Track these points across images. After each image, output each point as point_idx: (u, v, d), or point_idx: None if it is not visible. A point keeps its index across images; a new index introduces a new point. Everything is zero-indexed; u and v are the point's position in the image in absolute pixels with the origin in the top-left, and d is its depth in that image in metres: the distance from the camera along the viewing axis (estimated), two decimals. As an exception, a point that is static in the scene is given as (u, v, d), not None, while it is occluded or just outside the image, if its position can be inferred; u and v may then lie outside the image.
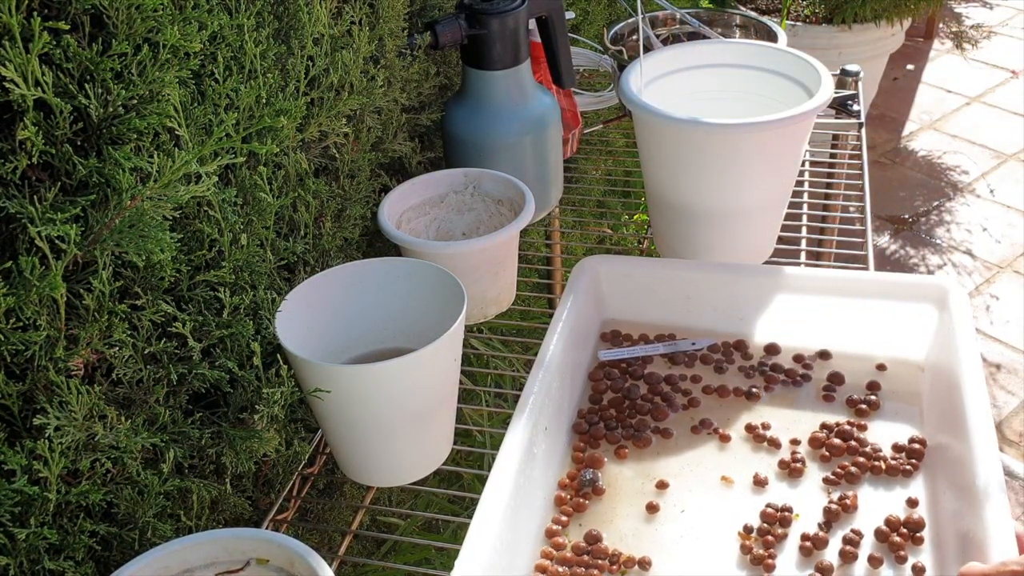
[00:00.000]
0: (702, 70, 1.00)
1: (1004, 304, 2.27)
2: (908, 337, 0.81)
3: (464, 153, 0.98)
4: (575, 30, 1.47)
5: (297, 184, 0.77)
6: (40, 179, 0.53)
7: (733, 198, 0.90)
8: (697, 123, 0.85)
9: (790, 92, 0.95)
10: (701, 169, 0.89)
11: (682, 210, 0.93)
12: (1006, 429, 1.93)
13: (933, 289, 0.80)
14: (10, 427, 0.54)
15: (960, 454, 0.66)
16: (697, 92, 0.99)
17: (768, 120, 0.84)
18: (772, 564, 0.65)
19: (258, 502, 0.78)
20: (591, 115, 1.34)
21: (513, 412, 0.70)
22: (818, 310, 0.84)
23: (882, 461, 0.72)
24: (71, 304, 0.55)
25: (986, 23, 3.57)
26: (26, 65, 0.48)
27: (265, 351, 0.69)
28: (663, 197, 0.95)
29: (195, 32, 0.58)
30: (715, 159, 0.87)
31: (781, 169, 0.90)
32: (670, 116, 0.86)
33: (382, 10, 0.88)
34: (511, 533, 0.64)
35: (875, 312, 0.82)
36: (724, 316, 0.86)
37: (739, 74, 0.99)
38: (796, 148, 0.90)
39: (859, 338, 0.83)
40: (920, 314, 0.81)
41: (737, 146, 0.86)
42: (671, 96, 0.96)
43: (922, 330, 0.81)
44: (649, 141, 0.93)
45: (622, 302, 0.89)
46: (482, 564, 0.59)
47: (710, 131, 0.85)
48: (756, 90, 0.98)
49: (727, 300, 0.86)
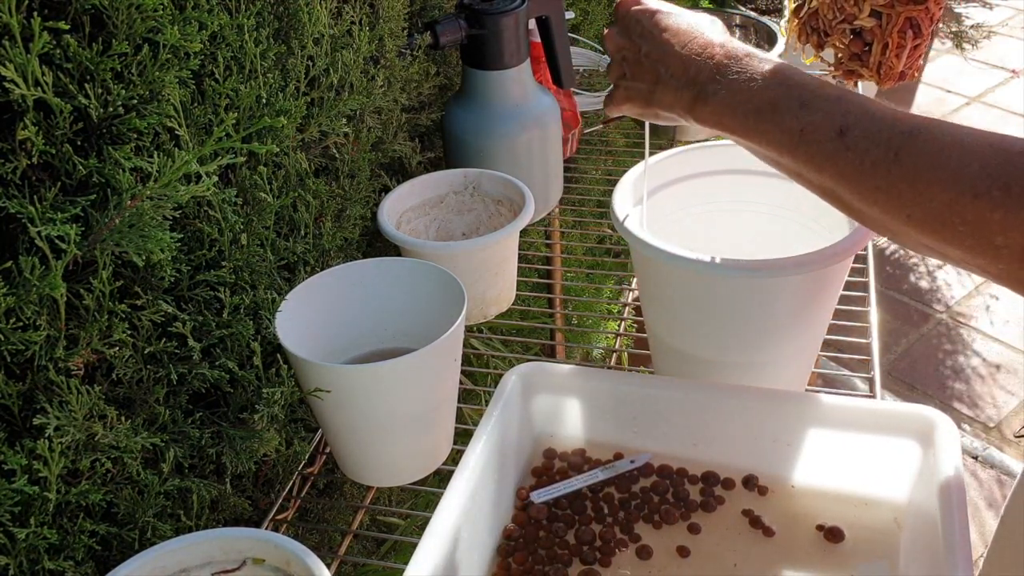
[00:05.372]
0: (711, 177, 0.82)
1: (1004, 304, 2.27)
2: (887, 475, 0.66)
3: (464, 153, 0.98)
4: (575, 30, 1.47)
5: (297, 184, 0.77)
6: (40, 179, 0.53)
7: (756, 351, 0.73)
8: (712, 266, 0.66)
9: (816, 203, 0.77)
10: (717, 318, 0.71)
11: (691, 358, 0.76)
12: (1006, 429, 1.93)
13: (918, 421, 0.65)
14: (10, 427, 0.54)
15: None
16: (704, 203, 0.83)
17: (805, 257, 0.66)
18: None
19: (258, 502, 0.78)
20: (591, 115, 1.34)
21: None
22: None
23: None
24: (71, 304, 0.55)
25: (986, 23, 3.57)
26: (26, 65, 0.48)
27: (265, 351, 0.69)
28: (666, 343, 0.78)
29: (195, 32, 0.58)
30: (734, 307, 0.70)
31: (817, 312, 0.72)
32: (676, 255, 0.67)
33: (382, 10, 0.88)
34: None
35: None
36: (674, 437, 0.71)
37: (755, 182, 0.81)
38: (837, 284, 0.72)
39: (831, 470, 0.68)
40: (902, 450, 0.65)
41: (763, 292, 0.69)
42: (674, 211, 0.81)
43: (903, 468, 0.66)
44: (649, 279, 0.76)
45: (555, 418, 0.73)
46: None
47: (731, 276, 0.67)
48: (774, 200, 0.81)
49: (679, 419, 0.71)
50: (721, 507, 0.69)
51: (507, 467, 0.69)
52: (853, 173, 0.50)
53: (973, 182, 0.45)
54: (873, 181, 0.49)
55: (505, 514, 0.69)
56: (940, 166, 0.46)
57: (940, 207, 0.46)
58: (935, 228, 0.47)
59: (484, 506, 0.65)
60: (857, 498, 0.67)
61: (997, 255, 0.45)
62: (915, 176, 0.47)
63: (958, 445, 0.62)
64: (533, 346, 1.57)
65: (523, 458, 0.73)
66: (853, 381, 1.70)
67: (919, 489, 0.64)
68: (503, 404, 0.68)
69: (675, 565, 0.65)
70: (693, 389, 0.71)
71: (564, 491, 0.70)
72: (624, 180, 0.77)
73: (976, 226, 0.45)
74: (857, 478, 0.67)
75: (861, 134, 0.50)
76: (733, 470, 0.70)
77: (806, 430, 0.68)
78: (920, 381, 2.06)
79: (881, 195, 0.49)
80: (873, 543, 0.65)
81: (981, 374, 2.07)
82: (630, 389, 0.71)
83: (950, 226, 0.46)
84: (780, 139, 0.54)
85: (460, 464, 0.63)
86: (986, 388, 2.03)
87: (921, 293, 2.34)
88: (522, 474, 0.72)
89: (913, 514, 0.65)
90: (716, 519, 0.68)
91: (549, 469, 0.72)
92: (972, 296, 2.31)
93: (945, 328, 2.22)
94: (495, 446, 0.66)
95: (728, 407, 0.69)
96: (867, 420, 0.66)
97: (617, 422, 0.72)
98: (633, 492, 0.70)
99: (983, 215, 0.44)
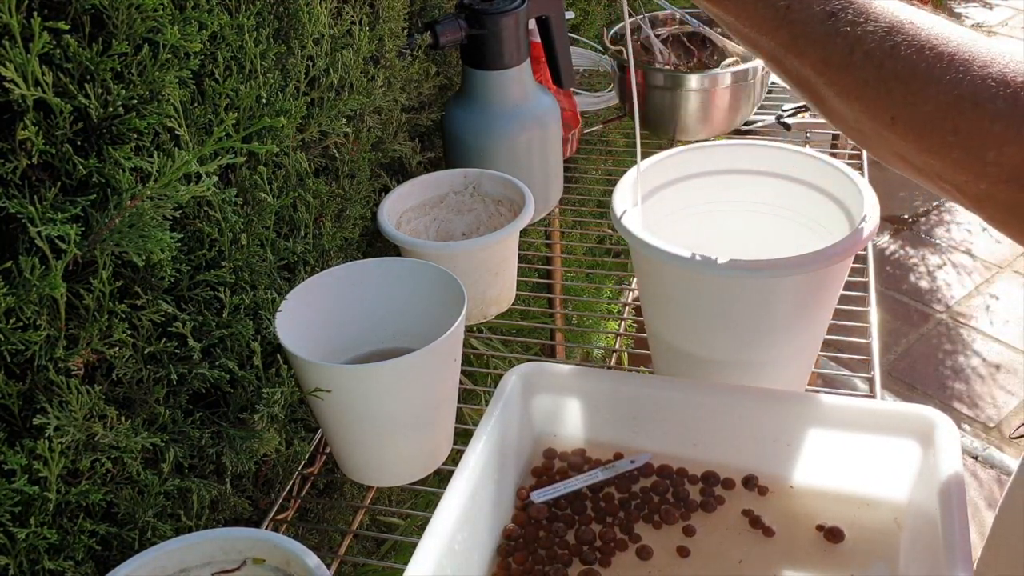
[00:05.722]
0: (711, 177, 0.82)
1: (1004, 304, 2.27)
2: (887, 475, 0.66)
3: (464, 153, 0.98)
4: (575, 30, 1.47)
5: (297, 184, 0.77)
6: (40, 179, 0.53)
7: (756, 351, 0.73)
8: (712, 266, 0.66)
9: (817, 203, 0.77)
10: (717, 318, 0.72)
11: (691, 357, 0.76)
12: (1006, 429, 1.93)
13: (918, 421, 0.64)
14: (10, 427, 0.54)
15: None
16: (705, 203, 0.82)
17: (805, 257, 0.65)
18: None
19: (258, 502, 0.78)
20: (591, 115, 1.34)
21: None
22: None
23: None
24: (71, 304, 0.55)
25: (986, 23, 3.57)
26: (26, 65, 0.48)
27: (265, 351, 0.69)
28: (666, 343, 0.78)
29: (195, 32, 0.58)
30: (734, 307, 0.70)
31: (817, 312, 0.72)
32: (676, 255, 0.67)
33: (382, 10, 0.88)
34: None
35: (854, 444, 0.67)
36: (673, 437, 0.71)
37: (755, 182, 0.81)
38: (837, 284, 0.72)
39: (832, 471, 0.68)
40: (902, 450, 0.65)
41: (763, 292, 0.69)
42: (673, 211, 0.81)
43: (903, 468, 0.65)
44: (649, 278, 0.76)
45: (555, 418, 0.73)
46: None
47: (732, 276, 0.67)
48: (775, 201, 0.81)
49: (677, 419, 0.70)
50: (721, 507, 0.69)
51: (507, 467, 0.69)
52: (840, 62, 0.45)
53: (977, 87, 0.40)
54: (861, 74, 0.44)
55: (505, 514, 0.69)
56: (941, 65, 0.41)
57: (933, 111, 0.41)
58: (921, 135, 0.42)
59: (484, 506, 0.65)
60: (857, 498, 0.67)
61: (983, 172, 0.41)
62: (911, 73, 0.42)
63: (958, 445, 0.61)
64: (533, 346, 1.57)
65: (523, 458, 0.72)
66: (853, 381, 1.70)
67: (919, 489, 0.64)
68: (503, 404, 0.68)
69: (675, 565, 0.65)
70: (693, 389, 0.71)
71: (564, 491, 0.69)
72: (624, 180, 0.77)
73: (969, 136, 0.41)
74: (857, 478, 0.67)
75: (855, 19, 0.44)
76: (733, 470, 0.70)
77: (806, 430, 0.68)
78: (920, 381, 2.06)
79: (868, 91, 0.44)
80: (873, 543, 0.65)
81: (981, 374, 2.08)
82: (630, 389, 0.71)
83: (939, 134, 0.42)
84: (763, 14, 0.48)
85: (460, 464, 0.63)
86: (986, 388, 2.04)
87: (921, 293, 2.34)
88: (522, 474, 0.72)
89: (913, 514, 0.64)
90: (716, 519, 0.68)
91: (549, 469, 0.72)
92: (972, 296, 2.31)
93: (945, 328, 2.22)
94: (495, 446, 0.66)
95: (728, 407, 0.69)
96: (867, 420, 0.66)
97: (617, 422, 0.72)
98: (633, 492, 0.70)
99: (980, 125, 0.40)
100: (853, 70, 0.44)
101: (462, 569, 0.60)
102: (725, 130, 1.21)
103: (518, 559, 0.65)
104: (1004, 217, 0.43)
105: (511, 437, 0.69)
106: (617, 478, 0.70)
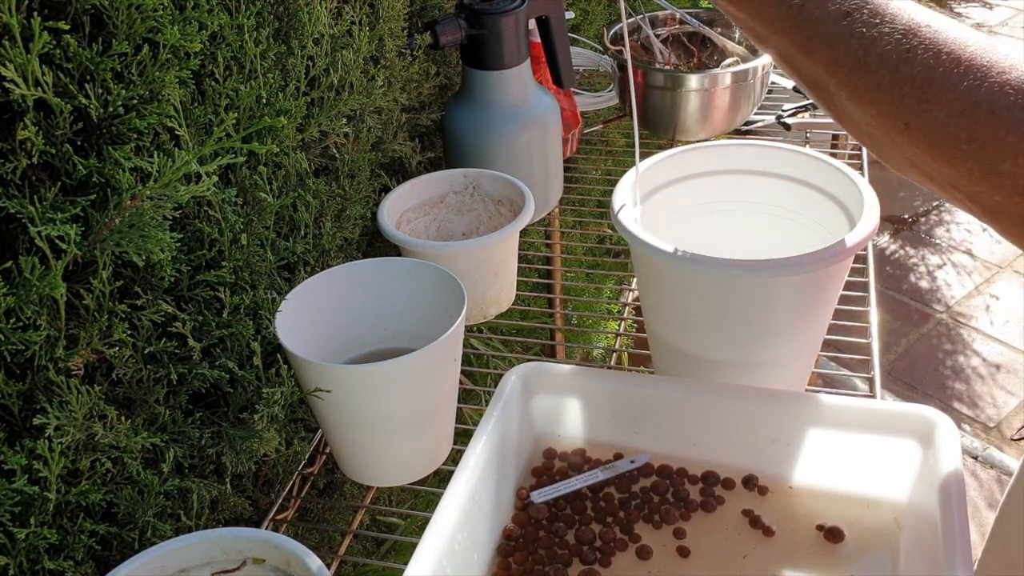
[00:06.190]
0: (711, 177, 0.82)
1: (1004, 304, 2.27)
2: (887, 475, 0.66)
3: (464, 153, 0.98)
4: (575, 30, 1.48)
5: (297, 184, 0.77)
6: (40, 179, 0.53)
7: (756, 351, 0.73)
8: (712, 265, 0.66)
9: (817, 203, 0.78)
10: (717, 318, 0.72)
11: (691, 358, 0.76)
12: (1006, 429, 1.93)
13: (918, 421, 0.64)
14: (10, 427, 0.54)
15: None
16: (705, 203, 0.82)
17: (805, 257, 0.65)
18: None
19: (258, 502, 0.78)
20: (591, 115, 1.34)
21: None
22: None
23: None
24: (71, 304, 0.55)
25: (986, 23, 3.57)
26: (26, 65, 0.48)
27: (265, 351, 0.69)
28: (666, 343, 0.78)
29: (195, 32, 0.58)
30: (734, 307, 0.70)
31: (817, 311, 0.72)
32: (676, 255, 0.67)
33: (382, 10, 0.88)
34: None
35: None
36: (673, 437, 0.71)
37: (755, 182, 0.81)
38: (837, 284, 0.72)
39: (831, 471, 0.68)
40: (902, 450, 0.65)
41: (763, 292, 0.69)
42: (673, 211, 0.81)
43: (903, 468, 0.65)
44: (649, 278, 0.75)
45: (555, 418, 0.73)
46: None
47: (731, 276, 0.67)
48: (775, 201, 0.81)
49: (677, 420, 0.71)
50: (721, 507, 0.69)
51: (507, 467, 0.69)
52: (853, 64, 0.43)
53: (994, 95, 0.39)
54: (875, 77, 0.42)
55: (505, 514, 0.69)
56: (958, 71, 0.40)
57: (948, 118, 0.40)
58: (934, 142, 0.41)
59: (484, 506, 0.65)
60: (857, 498, 0.67)
61: (998, 184, 0.40)
62: (927, 78, 0.41)
63: (958, 445, 0.61)
64: (533, 346, 1.57)
65: (523, 458, 0.72)
66: (853, 381, 1.71)
67: (919, 489, 0.64)
68: (503, 404, 0.68)
69: (675, 565, 0.65)
70: (693, 389, 0.71)
71: (564, 491, 0.69)
72: (624, 180, 0.77)
73: (983, 146, 0.39)
74: (857, 478, 0.67)
75: (871, 19, 0.43)
76: (733, 470, 0.70)
77: (806, 430, 0.68)
78: (920, 381, 2.06)
79: (881, 95, 0.43)
80: (873, 543, 0.65)
81: (981, 374, 2.08)
82: (630, 389, 0.71)
83: (953, 142, 0.40)
84: (776, 13, 0.47)
85: (460, 464, 0.62)
86: (986, 388, 2.04)
87: (921, 293, 2.34)
88: (522, 474, 0.72)
89: (913, 514, 0.64)
90: (716, 519, 0.68)
91: (549, 469, 0.72)
92: (972, 296, 2.31)
93: (945, 328, 2.22)
94: (495, 446, 0.66)
95: (728, 407, 0.69)
96: (867, 420, 0.66)
97: (617, 422, 0.72)
98: (633, 492, 0.70)
99: (996, 135, 0.39)
100: (867, 72, 0.43)
101: (462, 569, 0.60)
102: (725, 130, 1.21)
103: (518, 559, 0.65)
104: (1018, 230, 0.43)
105: (511, 437, 0.69)
106: (617, 478, 0.70)
